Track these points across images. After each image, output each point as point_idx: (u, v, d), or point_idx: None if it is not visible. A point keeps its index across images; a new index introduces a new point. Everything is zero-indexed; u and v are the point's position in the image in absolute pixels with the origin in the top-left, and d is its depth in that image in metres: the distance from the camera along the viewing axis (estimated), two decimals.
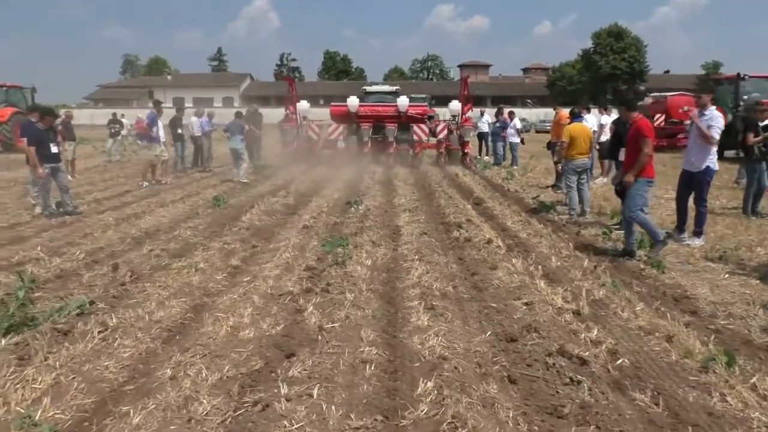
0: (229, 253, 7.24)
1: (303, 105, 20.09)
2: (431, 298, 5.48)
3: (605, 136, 13.49)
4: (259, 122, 18.74)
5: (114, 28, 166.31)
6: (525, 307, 5.30)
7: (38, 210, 9.84)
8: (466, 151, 19.52)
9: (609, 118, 14.28)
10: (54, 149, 9.87)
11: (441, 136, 19.70)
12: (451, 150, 19.82)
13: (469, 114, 20.14)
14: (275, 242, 7.96)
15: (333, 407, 3.51)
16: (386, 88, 23.78)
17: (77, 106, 59.07)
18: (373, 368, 4.03)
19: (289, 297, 5.47)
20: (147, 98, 70.12)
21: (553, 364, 4.08)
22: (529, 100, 70.62)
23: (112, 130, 20.70)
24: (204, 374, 3.89)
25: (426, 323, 4.85)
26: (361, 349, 4.34)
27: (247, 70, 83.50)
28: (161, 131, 14.00)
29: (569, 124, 10.36)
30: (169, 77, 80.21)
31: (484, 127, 22.09)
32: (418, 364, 4.13)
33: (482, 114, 22.67)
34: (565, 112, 12.73)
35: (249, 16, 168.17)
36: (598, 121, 13.99)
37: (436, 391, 3.66)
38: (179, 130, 16.51)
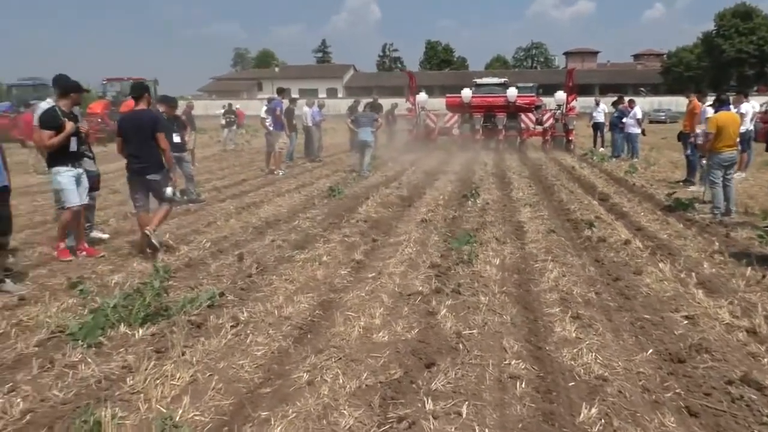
0: (350, 246, 7.05)
1: (422, 96, 22.34)
2: (574, 305, 4.99)
3: (744, 127, 12.17)
4: (379, 113, 18.92)
5: (226, 23, 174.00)
6: (686, 322, 4.67)
7: None
8: (570, 138, 20.69)
9: (750, 105, 12.91)
10: (177, 138, 10.12)
11: (547, 124, 20.99)
12: (555, 137, 21.00)
13: (574, 104, 21.22)
14: (395, 236, 7.69)
15: (486, 430, 3.14)
16: (495, 80, 25.40)
17: (193, 98, 62.23)
18: (523, 385, 3.62)
19: (419, 297, 5.16)
20: (256, 89, 72.75)
21: (740, 396, 3.48)
22: (642, 89, 66.55)
23: (228, 120, 21.40)
24: (341, 380, 3.65)
25: (573, 335, 4.38)
26: (507, 362, 3.94)
27: (350, 61, 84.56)
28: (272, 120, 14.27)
29: (716, 112, 9.34)
30: (276, 69, 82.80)
31: (600, 117, 20.83)
32: (573, 383, 3.67)
33: (597, 104, 21.38)
34: (705, 100, 11.61)
35: (351, 8, 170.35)
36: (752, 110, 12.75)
37: (602, 420, 3.20)
38: (293, 121, 16.73)
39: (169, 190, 6.63)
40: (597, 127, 21.16)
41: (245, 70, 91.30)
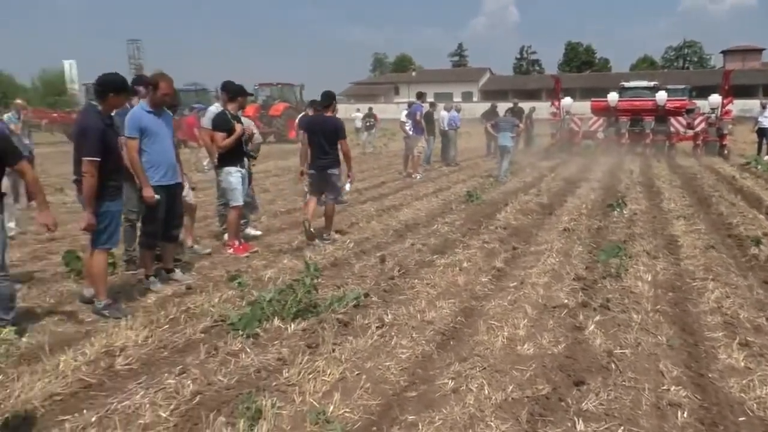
0: (490, 253, 6.97)
1: (567, 101, 22.32)
2: (741, 330, 4.55)
3: None
4: (520, 118, 18.77)
5: (365, 29, 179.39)
6: None
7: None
8: (723, 143, 19.52)
9: None
10: None
11: (699, 128, 20.07)
12: (708, 142, 19.98)
13: (730, 107, 20.30)
14: (536, 245, 7.49)
15: None
16: (644, 83, 24.80)
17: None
18: (685, 415, 3.36)
19: (564, 310, 4.97)
20: (393, 93, 74.18)
21: None
22: None
23: (367, 124, 22.05)
24: (487, 391, 3.60)
25: (742, 364, 4.00)
26: (665, 387, 3.68)
27: (486, 65, 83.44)
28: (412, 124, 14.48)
29: None
30: (413, 73, 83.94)
31: (766, 122, 18.88)
32: (744, 419, 3.35)
33: (764, 107, 19.39)
34: None
35: (490, 11, 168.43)
36: None
37: None
38: (431, 124, 16.88)
39: (348, 186, 7.79)
40: (763, 132, 19.21)
41: (383, 74, 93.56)
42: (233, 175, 6.84)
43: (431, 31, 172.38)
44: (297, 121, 12.78)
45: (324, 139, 7.38)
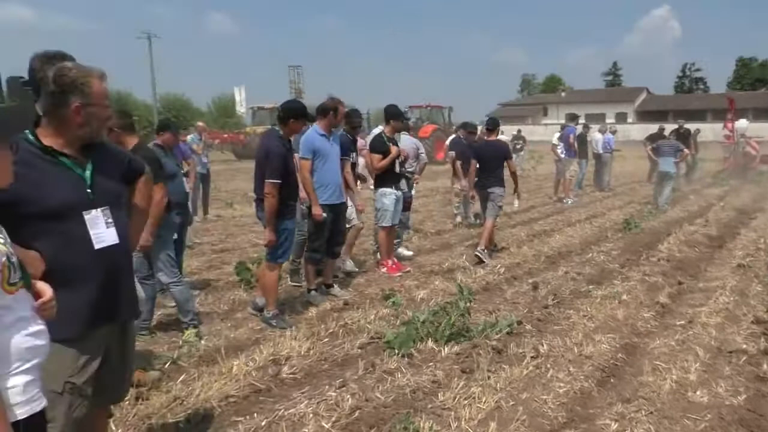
0: (652, 286, 6.52)
1: (742, 123, 20.58)
2: None
3: None
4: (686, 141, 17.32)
5: (512, 50, 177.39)
6: None
7: (458, 219, 10.73)
8: None
9: None
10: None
11: None
12: None
13: None
14: (704, 281, 6.90)
15: None
16: None
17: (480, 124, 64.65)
18: None
19: (743, 357, 4.53)
20: (541, 115, 72.50)
21: None
22: None
23: (517, 146, 21.70)
24: None
25: None
26: None
27: (643, 84, 78.64)
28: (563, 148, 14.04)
29: None
30: (563, 94, 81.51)
31: None
32: None
33: None
34: None
35: (647, 28, 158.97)
36: None
37: None
38: (584, 147, 16.24)
39: (516, 203, 8.39)
40: None
41: (531, 95, 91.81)
42: (387, 197, 7.06)
43: (582, 51, 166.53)
44: (447, 143, 12.91)
45: (492, 161, 8.06)
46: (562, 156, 14.35)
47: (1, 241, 1.66)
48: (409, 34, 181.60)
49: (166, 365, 4.29)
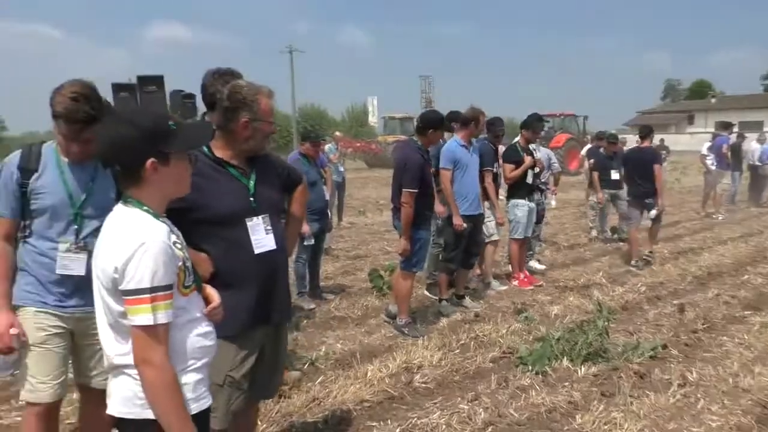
0: None
1: None
2: None
3: None
4: None
5: (654, 55, 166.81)
6: None
7: (594, 233, 10.26)
8: None
9: None
10: (615, 175, 10.06)
11: None
12: None
13: None
14: None
15: None
16: None
17: (616, 132, 61.44)
18: None
19: None
20: (686, 123, 67.58)
21: None
22: None
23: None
24: None
25: None
26: None
27: None
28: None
29: None
30: (713, 100, 75.32)
31: None
32: None
33: None
34: None
35: None
36: None
37: None
38: (738, 158, 14.88)
39: (653, 212, 7.99)
40: None
41: (674, 102, 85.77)
42: (520, 208, 6.92)
43: (733, 53, 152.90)
44: (583, 152, 12.42)
45: (644, 169, 7.94)
46: (713, 168, 13.25)
47: (179, 246, 1.83)
48: (540, 40, 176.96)
49: (306, 366, 4.50)
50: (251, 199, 2.48)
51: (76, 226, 2.52)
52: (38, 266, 2.52)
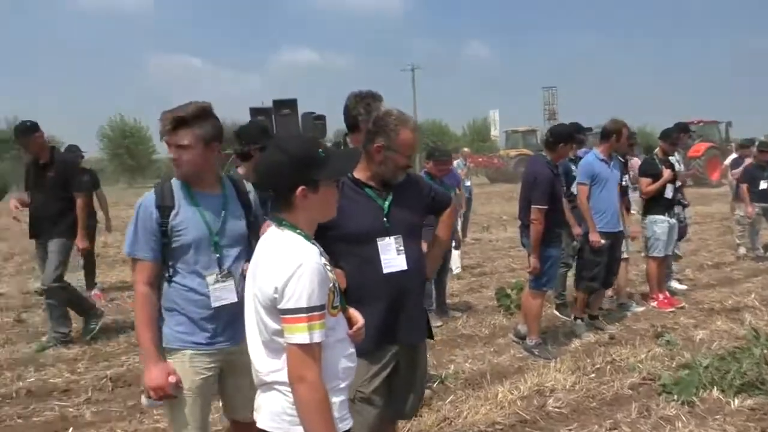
0: None
1: None
2: None
3: None
4: None
5: None
6: None
7: (742, 251, 9.42)
8: None
9: None
10: (764, 185, 9.20)
11: None
12: None
13: None
14: None
15: None
16: None
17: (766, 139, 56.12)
18: None
19: None
20: None
21: None
22: None
23: None
24: None
25: None
26: None
27: None
28: None
29: None
30: None
31: None
32: None
33: None
34: None
35: None
36: None
37: None
38: None
39: None
40: None
41: None
42: (659, 225, 6.50)
43: None
44: (727, 162, 11.47)
45: None
46: None
47: (329, 268, 1.92)
48: (672, 42, 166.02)
49: (435, 384, 4.51)
50: (384, 219, 2.56)
51: (218, 256, 2.46)
52: (188, 304, 2.45)
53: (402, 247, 2.56)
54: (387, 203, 2.59)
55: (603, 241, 5.47)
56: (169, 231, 2.40)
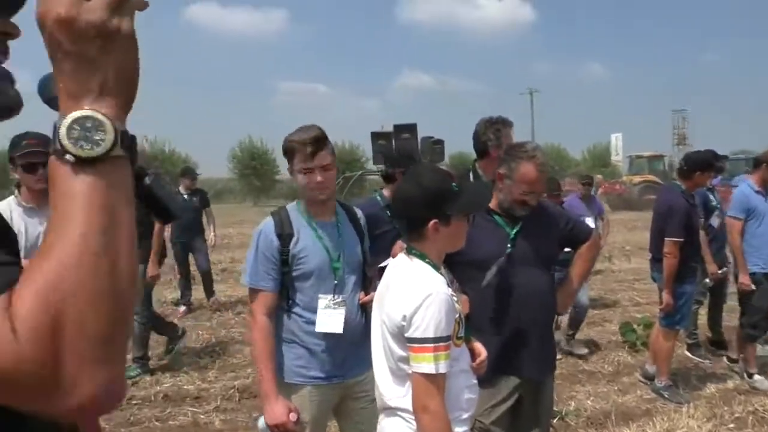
0: None
1: None
2: None
3: None
4: None
5: None
6: None
7: None
8: None
9: None
10: None
11: None
12: None
13: None
14: None
15: None
16: None
17: None
18: None
19: None
20: None
21: None
22: None
23: None
24: None
25: None
26: None
27: None
28: None
29: None
30: None
31: None
32: None
33: None
34: None
35: None
36: None
37: None
38: None
39: None
40: None
41: None
42: None
43: None
44: None
45: None
46: None
47: (455, 299, 1.93)
48: None
49: (555, 420, 4.34)
50: (508, 245, 2.53)
51: (336, 282, 2.40)
52: (309, 336, 2.39)
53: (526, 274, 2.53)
54: (515, 231, 2.57)
55: (753, 286, 4.96)
56: (290, 259, 2.36)
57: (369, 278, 2.57)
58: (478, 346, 2.09)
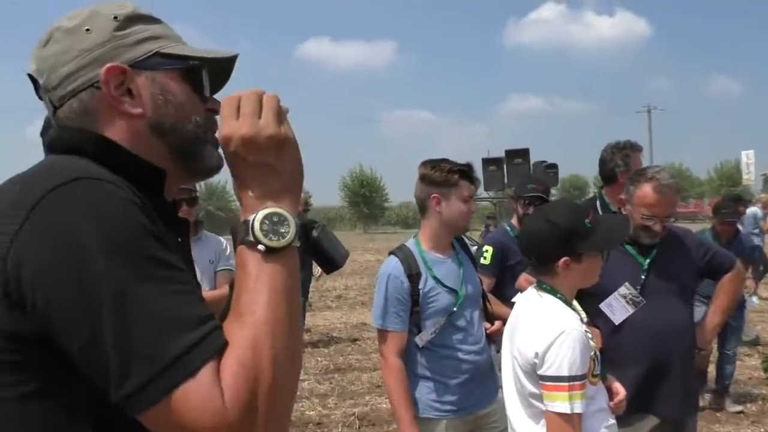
0: None
1: None
2: None
3: None
4: None
5: None
6: None
7: None
8: None
9: None
10: None
11: None
12: None
13: None
14: None
15: None
16: None
17: None
18: None
19: None
20: None
21: None
22: None
23: None
24: None
25: None
26: None
27: None
28: None
29: None
30: None
31: None
32: None
33: None
34: None
35: None
36: None
37: None
38: None
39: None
40: None
41: None
42: None
43: None
44: None
45: None
46: None
47: (590, 335, 1.87)
48: None
49: None
50: (643, 276, 2.42)
51: (464, 314, 2.44)
52: (443, 369, 2.40)
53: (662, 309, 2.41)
54: (648, 261, 2.46)
55: None
56: (420, 300, 2.35)
57: (489, 306, 2.62)
58: (617, 385, 2.01)
